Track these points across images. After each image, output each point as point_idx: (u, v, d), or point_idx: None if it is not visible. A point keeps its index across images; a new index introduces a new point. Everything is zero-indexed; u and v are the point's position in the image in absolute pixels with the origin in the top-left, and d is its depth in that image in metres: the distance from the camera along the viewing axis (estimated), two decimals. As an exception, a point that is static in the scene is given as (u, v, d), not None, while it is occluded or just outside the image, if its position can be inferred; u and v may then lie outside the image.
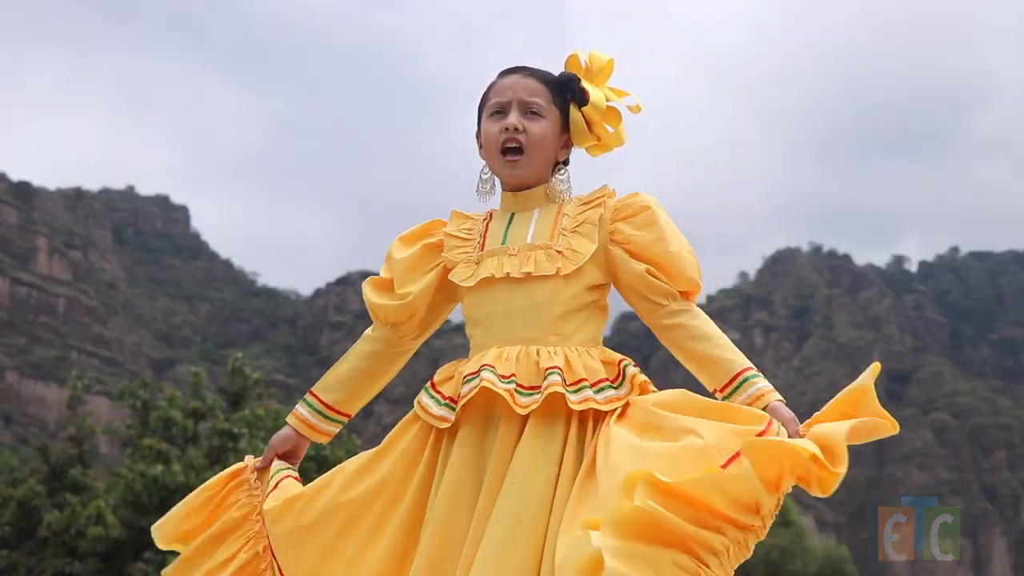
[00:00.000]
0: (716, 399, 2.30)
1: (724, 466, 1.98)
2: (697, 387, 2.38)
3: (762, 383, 2.28)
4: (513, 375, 2.27)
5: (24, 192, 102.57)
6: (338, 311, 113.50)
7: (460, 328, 2.52)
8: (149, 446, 14.81)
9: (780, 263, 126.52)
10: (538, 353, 2.31)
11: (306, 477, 2.59)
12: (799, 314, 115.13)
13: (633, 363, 2.36)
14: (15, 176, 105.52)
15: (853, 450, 2.37)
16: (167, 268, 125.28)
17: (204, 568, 2.53)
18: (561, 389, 2.23)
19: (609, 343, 2.45)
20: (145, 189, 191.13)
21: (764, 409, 2.21)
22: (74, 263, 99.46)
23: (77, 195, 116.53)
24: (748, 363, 2.32)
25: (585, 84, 2.48)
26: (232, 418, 15.50)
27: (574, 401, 2.23)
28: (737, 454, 2.00)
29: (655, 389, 2.34)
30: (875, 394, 2.09)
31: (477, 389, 2.26)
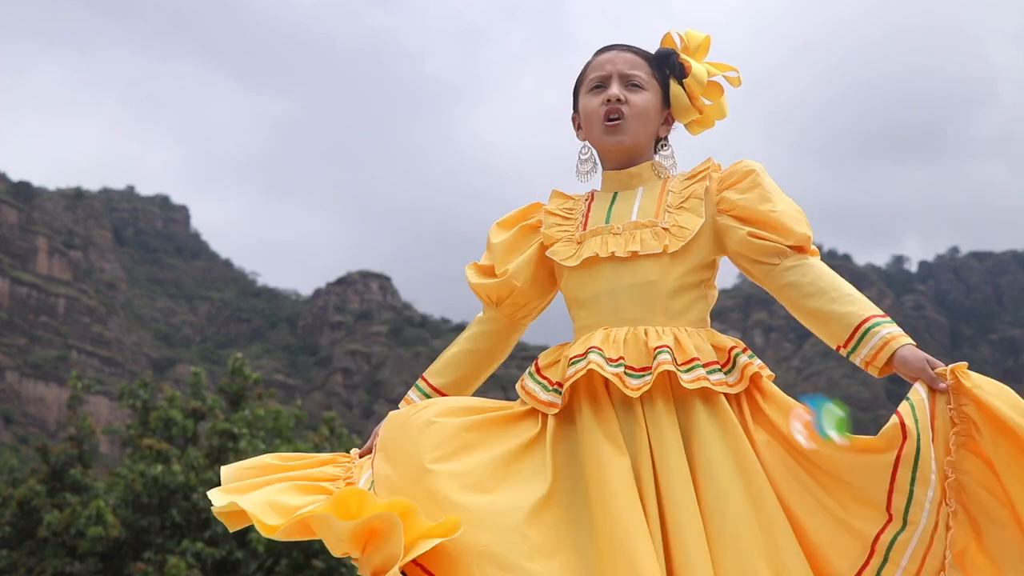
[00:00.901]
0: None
1: None
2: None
3: (886, 330, 2.16)
4: (622, 358, 2.20)
5: (24, 192, 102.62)
6: (338, 311, 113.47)
7: (460, 328, 2.50)
8: (149, 446, 14.82)
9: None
10: (646, 334, 2.24)
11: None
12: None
13: (744, 349, 2.27)
14: (15, 176, 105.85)
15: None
16: (167, 268, 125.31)
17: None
18: (672, 367, 2.16)
19: None
20: (145, 189, 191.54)
21: (891, 358, 2.14)
22: (74, 263, 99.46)
23: (77, 195, 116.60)
24: (870, 310, 2.20)
25: (685, 58, 2.44)
26: (232, 418, 15.49)
27: (686, 380, 2.16)
28: None
29: (768, 379, 2.26)
30: None
31: (584, 371, 2.18)
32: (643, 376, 2.18)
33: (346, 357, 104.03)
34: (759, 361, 2.26)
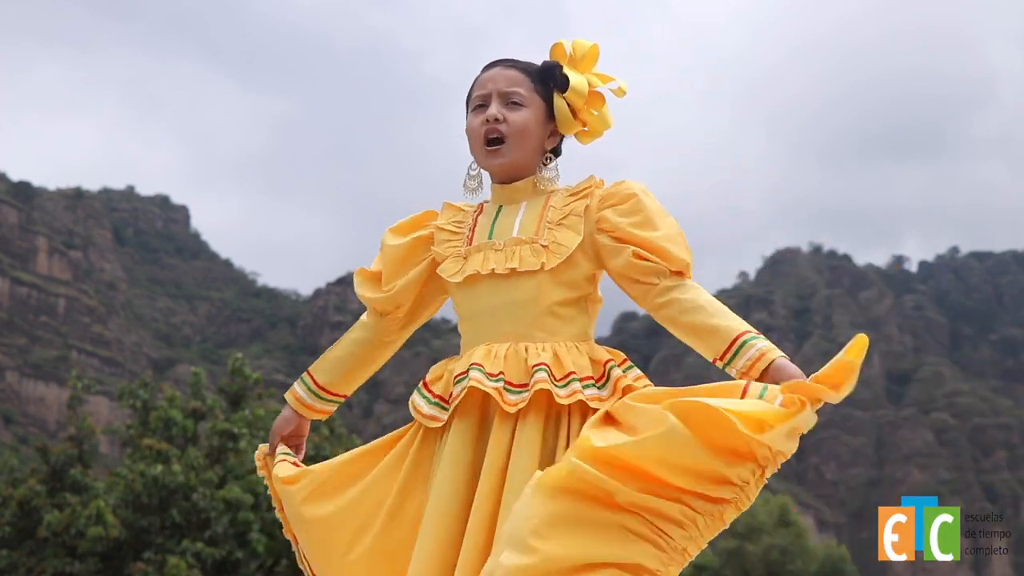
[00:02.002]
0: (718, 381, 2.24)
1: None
2: (698, 379, 2.35)
3: (762, 343, 2.21)
4: (502, 373, 2.27)
5: (24, 192, 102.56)
6: (338, 311, 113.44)
7: (458, 328, 2.53)
8: (149, 446, 14.82)
9: (780, 263, 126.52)
10: (527, 350, 2.30)
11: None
12: (799, 314, 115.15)
13: (621, 363, 2.32)
14: (15, 176, 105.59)
15: (853, 450, 2.35)
16: (167, 268, 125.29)
17: None
18: (548, 386, 2.22)
19: (609, 343, 2.42)
20: (145, 189, 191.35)
21: (767, 368, 2.17)
22: (74, 263, 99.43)
23: (77, 195, 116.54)
24: (747, 327, 2.25)
25: (567, 70, 2.46)
26: (232, 418, 15.50)
27: (562, 396, 2.22)
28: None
29: (651, 389, 2.29)
30: (851, 371, 2.09)
31: (466, 390, 2.27)
32: (520, 392, 2.24)
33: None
34: (635, 371, 2.31)
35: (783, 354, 2.20)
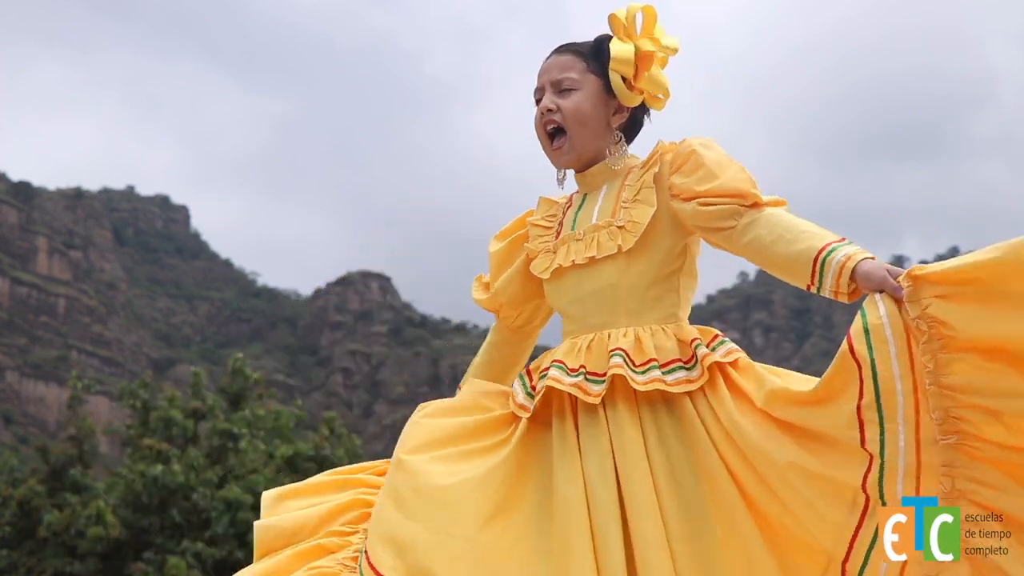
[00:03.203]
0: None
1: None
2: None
3: (841, 252, 2.09)
4: (583, 366, 2.20)
5: (24, 192, 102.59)
6: (338, 311, 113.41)
7: (460, 328, 2.55)
8: (149, 446, 14.81)
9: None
10: (609, 337, 2.24)
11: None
12: (799, 314, 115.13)
13: (710, 341, 2.22)
14: (15, 176, 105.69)
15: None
16: (167, 268, 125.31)
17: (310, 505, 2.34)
18: (622, 371, 2.14)
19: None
20: (145, 189, 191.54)
21: (852, 273, 2.07)
22: (74, 263, 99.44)
23: (77, 195, 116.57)
24: (828, 239, 2.14)
25: (613, 42, 2.39)
26: (232, 418, 15.49)
27: (639, 382, 2.14)
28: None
29: (744, 360, 2.22)
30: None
31: (543, 390, 2.21)
32: (603, 382, 2.17)
33: (346, 357, 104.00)
34: (726, 346, 2.22)
35: (869, 255, 2.11)
